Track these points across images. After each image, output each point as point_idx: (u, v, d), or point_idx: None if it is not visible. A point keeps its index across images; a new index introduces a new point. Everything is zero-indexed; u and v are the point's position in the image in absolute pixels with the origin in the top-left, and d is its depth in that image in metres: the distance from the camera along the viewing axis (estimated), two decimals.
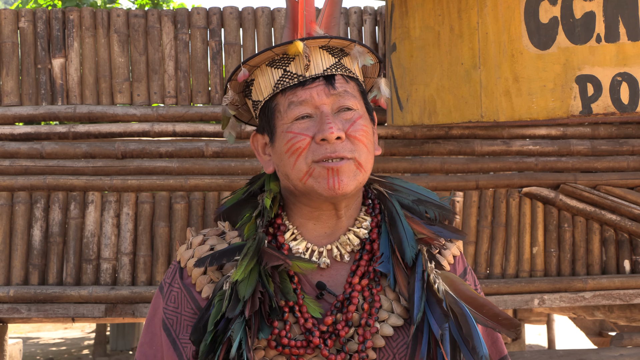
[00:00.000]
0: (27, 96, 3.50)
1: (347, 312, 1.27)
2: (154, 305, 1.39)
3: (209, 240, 1.38)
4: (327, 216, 1.34)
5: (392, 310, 1.30)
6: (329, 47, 1.34)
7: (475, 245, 3.60)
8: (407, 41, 3.10)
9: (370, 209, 1.40)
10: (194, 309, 1.32)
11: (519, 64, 2.78)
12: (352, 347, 1.26)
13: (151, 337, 1.36)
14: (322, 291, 1.30)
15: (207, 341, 1.21)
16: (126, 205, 3.46)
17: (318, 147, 1.27)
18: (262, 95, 1.35)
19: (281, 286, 1.27)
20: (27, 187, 3.44)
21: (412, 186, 1.46)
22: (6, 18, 3.50)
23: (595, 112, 2.73)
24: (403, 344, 1.28)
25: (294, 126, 1.29)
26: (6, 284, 3.40)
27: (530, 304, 3.55)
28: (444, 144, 3.61)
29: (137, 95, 3.53)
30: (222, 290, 1.26)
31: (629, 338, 4.03)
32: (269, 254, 1.28)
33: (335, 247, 1.35)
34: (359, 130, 1.30)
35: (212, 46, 3.56)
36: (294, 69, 1.31)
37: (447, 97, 2.95)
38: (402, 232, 1.34)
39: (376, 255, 1.33)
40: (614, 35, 2.73)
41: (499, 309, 1.31)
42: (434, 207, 1.42)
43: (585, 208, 3.60)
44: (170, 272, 1.39)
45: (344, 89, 1.32)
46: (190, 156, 3.51)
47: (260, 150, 1.40)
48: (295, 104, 1.30)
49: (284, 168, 1.31)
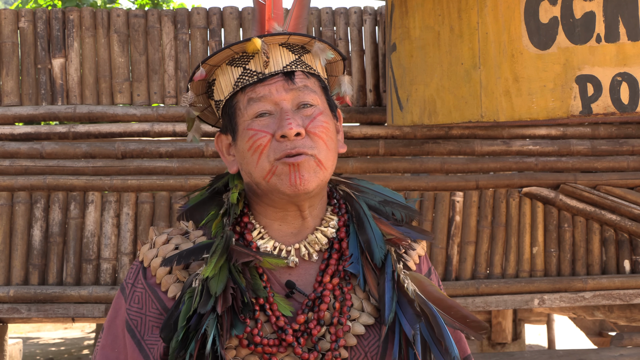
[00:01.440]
0: (27, 96, 3.50)
1: (318, 311, 1.27)
2: (115, 307, 1.37)
3: (174, 239, 1.36)
4: (292, 217, 1.34)
5: (363, 309, 1.31)
6: (289, 45, 1.34)
7: (475, 245, 3.60)
8: (407, 41, 3.10)
9: (337, 208, 1.39)
10: (159, 310, 1.30)
11: (519, 64, 2.78)
12: (324, 345, 1.26)
13: (113, 339, 1.34)
14: (292, 290, 1.30)
15: (179, 337, 1.20)
16: (126, 205, 3.46)
17: (278, 145, 1.26)
18: (223, 94, 1.35)
19: (252, 282, 1.27)
20: (27, 187, 3.44)
21: (378, 188, 1.46)
22: (6, 18, 3.50)
23: (595, 112, 2.73)
24: (374, 343, 1.28)
25: (254, 123, 1.29)
26: (6, 284, 3.40)
27: (530, 304, 3.55)
28: (444, 144, 3.61)
29: (137, 95, 3.53)
30: (192, 287, 1.25)
31: (629, 338, 4.04)
32: (238, 251, 1.27)
33: (303, 246, 1.34)
34: (319, 126, 1.29)
35: (212, 46, 3.56)
36: (253, 67, 1.31)
37: (447, 97, 2.95)
38: (370, 233, 1.34)
39: (345, 255, 1.33)
40: (614, 35, 2.73)
41: (466, 311, 1.31)
42: (400, 208, 1.43)
43: (585, 208, 3.60)
44: (133, 272, 1.37)
45: (303, 84, 1.31)
46: (190, 156, 3.51)
47: (225, 151, 1.39)
48: (254, 100, 1.29)
49: (247, 167, 1.31)
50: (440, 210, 3.58)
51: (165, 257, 1.32)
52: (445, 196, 3.59)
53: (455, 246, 3.58)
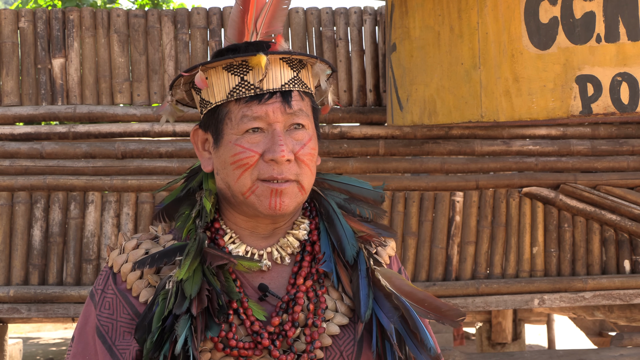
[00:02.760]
0: (27, 96, 3.50)
1: (293, 313, 1.27)
2: (84, 314, 1.36)
3: (144, 244, 1.36)
4: (263, 228, 1.34)
5: (337, 309, 1.31)
6: (289, 59, 1.32)
7: (475, 245, 3.60)
8: (407, 41, 3.10)
9: (308, 211, 1.40)
10: (130, 315, 1.29)
11: (519, 64, 2.78)
12: (299, 347, 1.26)
13: (84, 347, 1.33)
14: (265, 293, 1.30)
15: (153, 338, 1.20)
16: (126, 205, 3.46)
17: (265, 166, 1.26)
18: (214, 98, 1.32)
19: (225, 285, 1.27)
20: (27, 187, 3.43)
21: (344, 179, 1.46)
22: (6, 18, 3.50)
23: (595, 112, 2.73)
24: (349, 342, 1.29)
25: (243, 140, 1.27)
26: (6, 284, 3.40)
27: (530, 304, 3.55)
28: (444, 144, 3.61)
29: (137, 95, 3.53)
30: (166, 289, 1.25)
31: (629, 338, 4.04)
32: (212, 254, 1.27)
33: (275, 249, 1.34)
34: (307, 154, 1.30)
35: (212, 46, 3.56)
36: (251, 79, 1.29)
37: (447, 97, 2.95)
38: (341, 231, 1.35)
39: (317, 257, 1.34)
40: (614, 35, 2.73)
41: (440, 302, 1.32)
42: (366, 206, 1.44)
43: (585, 208, 3.60)
44: (102, 278, 1.35)
45: (299, 107, 1.30)
46: (190, 156, 3.51)
47: (200, 146, 1.38)
48: (248, 118, 1.27)
49: (226, 177, 1.30)
50: (440, 210, 3.58)
51: (136, 261, 1.31)
52: (445, 196, 3.59)
53: (455, 246, 3.58)
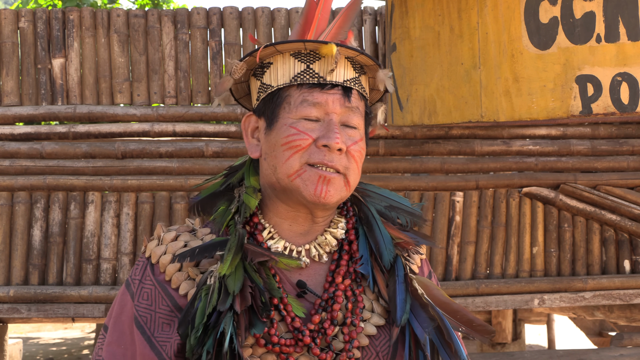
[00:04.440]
0: (27, 96, 3.50)
1: (332, 311, 1.28)
2: (120, 304, 1.36)
3: (182, 236, 1.37)
4: (304, 218, 1.35)
5: (373, 310, 1.32)
6: (353, 61, 1.35)
7: (475, 245, 3.60)
8: (407, 41, 3.10)
9: (344, 211, 1.41)
10: (170, 307, 1.30)
11: (519, 64, 2.78)
12: (337, 345, 1.27)
13: (119, 336, 1.33)
14: (304, 290, 1.31)
15: (197, 334, 1.20)
16: (126, 205, 3.46)
17: (317, 151, 1.28)
18: (277, 81, 1.34)
19: (267, 282, 1.28)
20: (27, 187, 3.44)
21: (385, 192, 1.47)
22: (6, 18, 3.51)
23: (595, 112, 2.73)
24: (385, 343, 1.30)
25: (299, 124, 1.29)
26: (6, 284, 3.40)
27: (530, 304, 3.55)
28: (444, 144, 3.61)
29: (137, 95, 3.53)
30: (208, 285, 1.25)
31: (629, 338, 4.03)
32: (253, 250, 1.28)
33: (313, 247, 1.36)
34: (358, 151, 1.32)
35: (212, 46, 3.56)
36: (317, 69, 1.31)
37: (447, 97, 2.95)
38: (379, 236, 1.36)
39: (354, 257, 1.35)
40: (614, 35, 2.73)
41: (472, 315, 1.33)
42: (405, 214, 1.45)
43: (585, 208, 3.60)
44: (139, 268, 1.36)
45: (356, 105, 1.33)
46: (190, 156, 3.51)
47: (250, 133, 1.39)
48: (308, 103, 1.30)
49: (273, 160, 1.31)
50: (440, 210, 3.58)
51: (176, 254, 1.31)
52: (445, 196, 3.59)
53: (455, 246, 3.58)
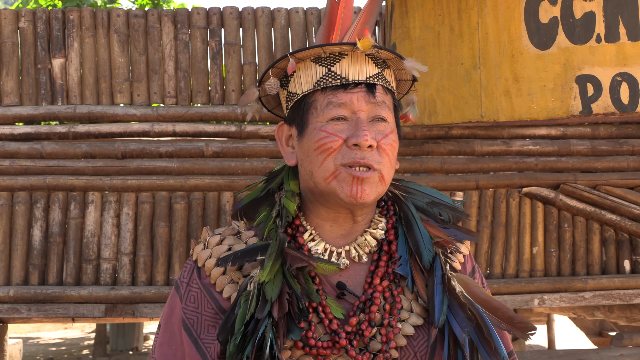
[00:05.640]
0: (27, 96, 3.50)
1: (369, 313, 1.29)
2: (170, 305, 1.39)
3: (226, 240, 1.39)
4: (344, 219, 1.36)
5: (412, 310, 1.33)
6: (374, 57, 1.37)
7: (475, 245, 3.60)
8: (407, 41, 3.10)
9: (385, 210, 1.42)
10: (214, 309, 1.32)
11: (519, 64, 2.78)
12: (375, 346, 1.28)
13: (170, 337, 1.37)
14: (343, 291, 1.32)
15: (236, 341, 1.22)
16: (126, 205, 3.46)
17: (348, 151, 1.29)
18: (301, 89, 1.36)
19: (305, 287, 1.29)
20: (27, 187, 3.44)
21: (426, 189, 1.48)
22: (6, 18, 3.50)
23: (595, 112, 2.73)
24: (423, 343, 1.30)
25: (328, 126, 1.31)
26: (6, 284, 3.40)
27: (530, 304, 3.55)
28: (444, 144, 3.61)
29: (137, 95, 3.53)
30: (247, 291, 1.27)
31: (629, 338, 4.03)
32: (292, 255, 1.29)
33: (353, 248, 1.37)
34: (389, 144, 1.32)
35: (212, 46, 3.56)
36: (338, 70, 1.33)
37: (447, 97, 2.95)
38: (418, 235, 1.37)
39: (394, 257, 1.36)
40: (614, 35, 2.73)
41: (512, 312, 1.33)
42: (447, 209, 1.46)
43: (585, 208, 3.60)
44: (187, 271, 1.39)
45: (382, 99, 1.34)
46: (190, 156, 3.51)
47: (284, 142, 1.41)
48: (334, 104, 1.31)
49: (309, 165, 1.33)
50: None
51: (219, 257, 1.34)
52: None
53: None
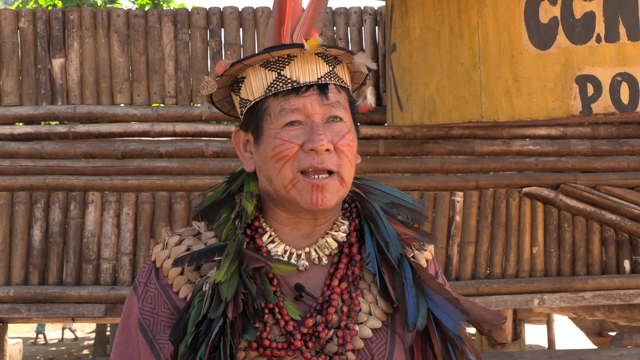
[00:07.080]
0: (27, 96, 3.50)
1: (326, 315, 1.28)
2: (128, 305, 1.38)
3: (185, 240, 1.38)
4: (305, 223, 1.35)
5: (371, 312, 1.32)
6: (324, 55, 1.34)
7: (475, 245, 3.60)
8: (407, 41, 3.10)
9: (348, 212, 1.41)
10: (171, 310, 1.32)
11: (519, 64, 2.78)
12: (331, 348, 1.27)
13: (127, 338, 1.35)
14: (301, 293, 1.31)
15: (187, 342, 1.21)
16: (126, 205, 3.46)
17: (305, 156, 1.27)
18: (253, 95, 1.34)
19: (262, 288, 1.28)
20: (27, 187, 3.44)
21: (386, 188, 1.47)
22: (6, 18, 3.50)
23: (595, 112, 2.73)
24: (382, 345, 1.30)
25: (283, 133, 1.29)
26: (6, 284, 3.40)
27: (530, 304, 3.55)
28: (444, 144, 3.61)
29: (137, 95, 3.53)
30: (202, 291, 1.26)
31: (629, 338, 4.03)
32: (250, 256, 1.28)
33: (313, 250, 1.36)
34: (347, 145, 1.31)
35: (212, 46, 3.56)
36: (288, 73, 1.31)
37: (447, 97, 2.95)
38: (385, 232, 1.36)
39: (354, 260, 1.35)
40: (614, 35, 2.73)
41: (479, 306, 1.34)
42: (406, 211, 1.44)
43: (585, 208, 3.60)
44: (145, 271, 1.38)
45: (336, 99, 1.32)
46: (190, 156, 3.51)
47: (242, 147, 1.40)
48: (287, 111, 1.29)
49: (267, 172, 1.31)
50: (440, 210, 3.58)
51: (176, 258, 1.33)
52: (445, 196, 3.59)
53: (455, 246, 3.58)
